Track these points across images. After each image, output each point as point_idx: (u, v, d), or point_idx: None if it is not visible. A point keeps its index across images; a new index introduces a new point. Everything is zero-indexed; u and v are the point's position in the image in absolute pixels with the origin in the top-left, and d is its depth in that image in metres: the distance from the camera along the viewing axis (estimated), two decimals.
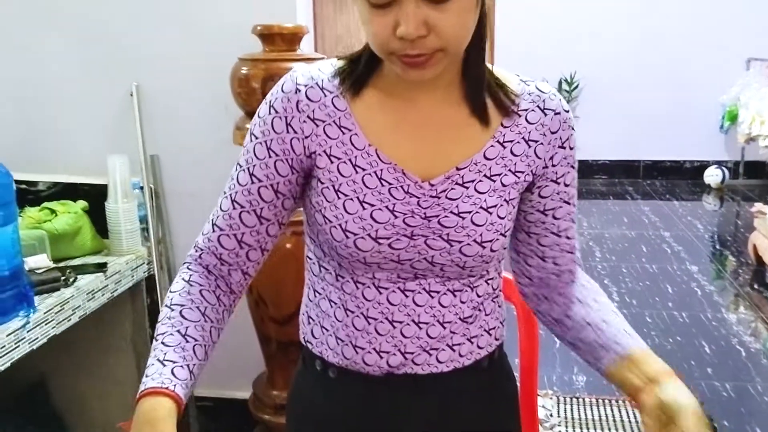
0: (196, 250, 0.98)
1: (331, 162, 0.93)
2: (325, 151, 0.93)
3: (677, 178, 6.83)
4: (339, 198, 0.92)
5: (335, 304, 0.98)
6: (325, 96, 0.93)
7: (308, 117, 0.93)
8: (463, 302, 0.98)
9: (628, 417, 2.68)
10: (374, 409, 1.00)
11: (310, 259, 1.02)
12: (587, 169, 6.88)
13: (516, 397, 1.13)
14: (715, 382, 2.94)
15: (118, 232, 2.11)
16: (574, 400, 2.80)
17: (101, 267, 2.00)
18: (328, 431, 1.04)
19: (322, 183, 0.93)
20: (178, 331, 0.89)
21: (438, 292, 0.96)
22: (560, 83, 6.60)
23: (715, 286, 4.12)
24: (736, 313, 3.73)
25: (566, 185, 1.00)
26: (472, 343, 1.00)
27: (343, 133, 0.93)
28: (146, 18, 2.21)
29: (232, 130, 2.03)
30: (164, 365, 0.85)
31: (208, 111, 2.23)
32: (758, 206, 4.34)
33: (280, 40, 1.93)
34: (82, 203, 2.13)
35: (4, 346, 1.62)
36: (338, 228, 0.92)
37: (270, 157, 0.93)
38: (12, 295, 1.67)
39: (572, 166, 1.00)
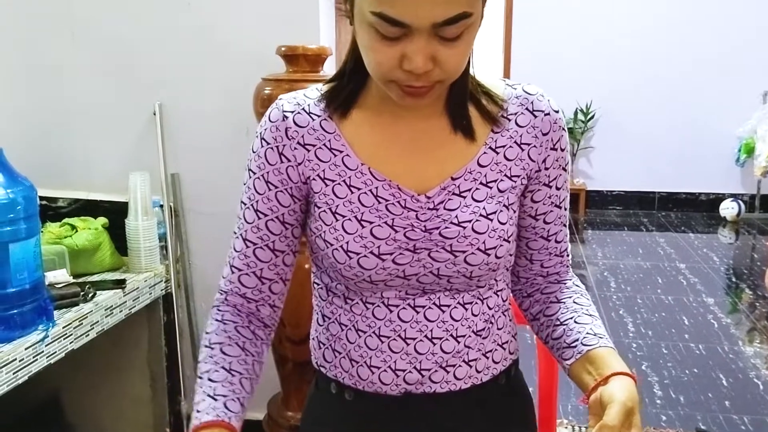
0: (221, 293, 1.00)
1: (326, 185, 0.94)
2: (318, 175, 0.94)
3: (692, 210, 6.80)
4: (337, 220, 0.92)
5: (345, 326, 0.98)
6: (313, 120, 0.94)
7: (298, 143, 0.94)
8: (474, 315, 0.97)
9: None
10: (392, 429, 0.99)
11: (317, 284, 1.03)
12: (602, 199, 6.87)
13: (534, 415, 1.12)
14: (733, 416, 2.89)
15: (137, 249, 2.12)
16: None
17: (120, 283, 2.01)
18: None
19: (319, 207, 0.94)
20: (223, 367, 0.91)
21: (448, 306, 0.96)
22: (576, 113, 6.61)
23: (732, 319, 4.07)
24: (752, 346, 3.68)
25: (558, 188, 1.00)
26: (487, 358, 1.00)
27: (335, 155, 0.94)
28: (170, 38, 2.24)
29: None
30: (216, 399, 0.88)
31: (230, 131, 2.25)
32: None
33: (303, 61, 1.95)
34: (102, 220, 2.14)
35: (22, 359, 1.62)
36: (340, 249, 0.92)
37: (270, 190, 0.95)
38: (32, 308, 1.67)
39: (564, 169, 1.00)
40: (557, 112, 0.98)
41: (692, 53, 6.49)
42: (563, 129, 0.99)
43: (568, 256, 1.07)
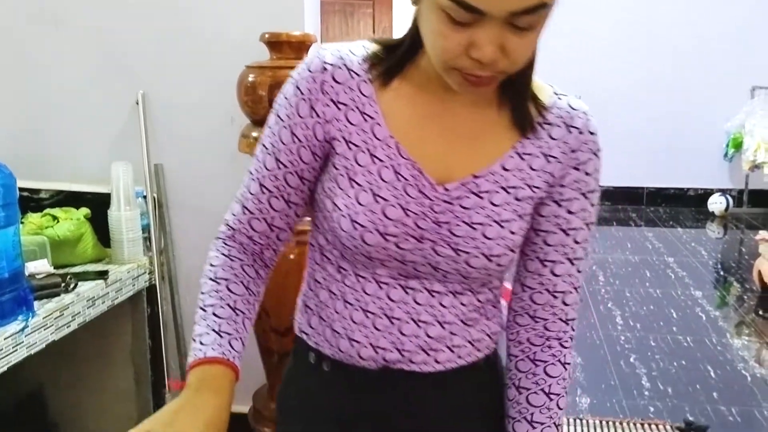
0: (228, 229, 0.99)
1: (349, 149, 0.90)
2: (344, 137, 0.91)
3: (681, 205, 6.82)
4: (353, 187, 0.90)
5: (335, 295, 0.97)
6: (352, 78, 0.90)
7: (331, 100, 0.90)
8: (464, 305, 0.95)
9: None
10: (368, 402, 0.98)
11: (313, 246, 1.01)
12: None
13: None
14: (720, 407, 2.89)
15: (120, 240, 2.10)
16: (578, 422, 2.75)
17: (102, 274, 1.98)
18: (320, 424, 1.02)
19: (337, 169, 0.91)
20: (228, 304, 0.92)
21: (439, 293, 0.94)
22: None
23: (720, 312, 4.08)
24: (741, 338, 3.69)
25: (569, 212, 0.93)
26: (473, 346, 0.98)
27: (366, 121, 0.90)
28: (153, 26, 2.22)
29: (237, 140, 2.02)
30: (221, 336, 0.89)
31: (214, 120, 2.23)
32: (762, 234, 4.31)
33: (287, 48, 1.93)
34: (84, 210, 2.11)
35: (2, 350, 1.59)
36: (347, 218, 0.89)
37: (294, 143, 0.92)
38: (11, 298, 1.65)
39: (584, 195, 0.94)
40: (593, 134, 0.94)
41: (680, 49, 6.51)
42: (594, 154, 0.93)
43: (566, 305, 0.97)
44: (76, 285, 1.88)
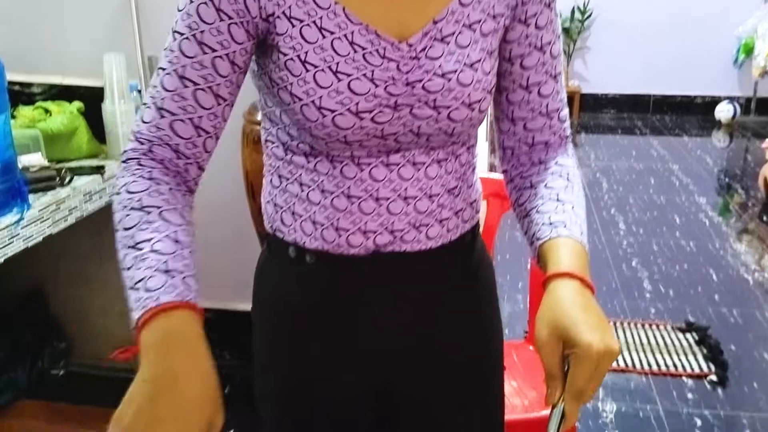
0: (141, 144, 0.81)
1: (292, 25, 0.80)
2: (284, 13, 0.80)
3: (687, 113, 6.72)
4: (308, 70, 0.80)
5: (308, 186, 0.89)
6: None
7: None
8: (448, 173, 0.90)
9: (632, 338, 2.65)
10: (356, 291, 0.93)
11: (272, 142, 0.92)
12: (596, 102, 6.76)
13: (494, 276, 1.06)
14: (722, 309, 2.90)
15: (116, 134, 2.03)
16: None
17: (98, 169, 1.93)
18: (304, 319, 0.95)
19: (285, 54, 0.81)
20: (168, 236, 0.74)
21: (424, 164, 0.87)
22: (573, 11, 6.42)
23: (724, 218, 4.06)
24: (743, 244, 3.68)
25: (537, 27, 0.88)
26: (458, 217, 0.94)
27: None
28: None
29: None
30: (171, 276, 0.71)
31: None
32: None
33: None
34: (77, 104, 2.05)
35: None
36: (311, 105, 0.80)
37: (222, 20, 0.78)
38: (5, 189, 1.60)
39: (547, 6, 0.88)
40: None
41: None
42: None
43: (561, 122, 0.93)
44: (71, 179, 1.84)
